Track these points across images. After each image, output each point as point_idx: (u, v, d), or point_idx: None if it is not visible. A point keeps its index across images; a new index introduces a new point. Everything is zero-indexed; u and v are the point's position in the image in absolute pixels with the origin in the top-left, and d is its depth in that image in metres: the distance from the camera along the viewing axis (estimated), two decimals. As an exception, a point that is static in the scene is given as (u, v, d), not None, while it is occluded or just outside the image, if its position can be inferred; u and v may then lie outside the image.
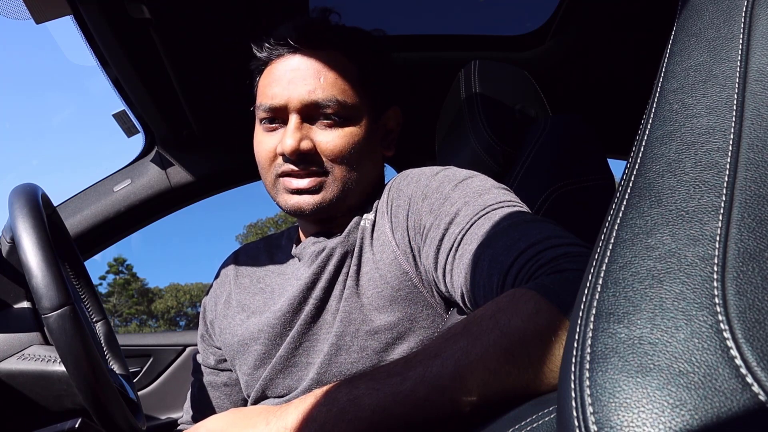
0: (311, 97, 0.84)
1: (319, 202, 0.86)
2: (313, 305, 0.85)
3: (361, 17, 1.43)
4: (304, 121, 0.86)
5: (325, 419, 0.52)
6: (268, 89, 0.87)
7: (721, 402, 0.24)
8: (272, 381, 0.87)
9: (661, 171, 0.34)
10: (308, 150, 0.85)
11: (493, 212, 0.71)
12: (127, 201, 1.55)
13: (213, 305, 1.04)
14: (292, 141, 0.84)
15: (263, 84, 0.90)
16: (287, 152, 0.84)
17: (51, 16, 1.01)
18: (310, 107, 0.85)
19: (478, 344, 0.50)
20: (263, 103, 0.87)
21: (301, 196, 0.86)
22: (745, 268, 0.28)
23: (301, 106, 0.85)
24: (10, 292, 0.89)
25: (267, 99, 0.87)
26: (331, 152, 0.85)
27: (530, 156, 1.07)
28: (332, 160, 0.86)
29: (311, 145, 0.85)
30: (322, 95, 0.84)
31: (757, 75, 0.36)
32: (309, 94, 0.84)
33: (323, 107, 0.85)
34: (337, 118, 0.85)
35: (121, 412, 0.76)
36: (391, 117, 0.96)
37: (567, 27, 1.43)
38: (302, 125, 0.85)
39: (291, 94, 0.85)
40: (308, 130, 0.86)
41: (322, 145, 0.85)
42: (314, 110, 0.85)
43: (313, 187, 0.86)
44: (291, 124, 0.85)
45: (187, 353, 1.88)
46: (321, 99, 0.84)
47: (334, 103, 0.85)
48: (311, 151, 0.85)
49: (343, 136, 0.86)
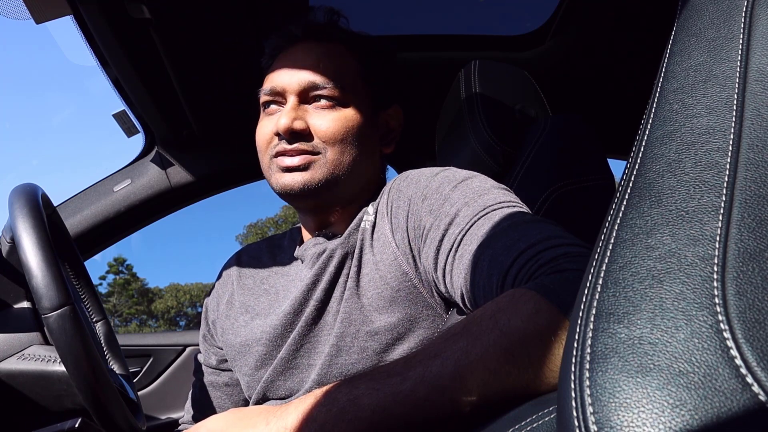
0: (309, 78, 0.88)
1: (307, 180, 0.86)
2: (314, 307, 0.85)
3: (362, 17, 1.43)
4: (301, 103, 0.89)
5: (325, 419, 0.52)
6: (271, 76, 0.92)
7: (721, 402, 0.24)
8: (273, 383, 0.87)
9: (661, 171, 0.34)
10: (301, 129, 0.87)
11: (493, 213, 0.71)
12: (127, 201, 1.55)
13: (215, 306, 1.04)
14: (286, 119, 0.86)
15: (268, 76, 0.93)
16: (281, 130, 0.86)
17: (51, 16, 1.01)
18: (307, 89, 0.88)
19: (478, 344, 0.50)
20: (265, 88, 0.92)
21: (291, 174, 0.87)
22: (745, 268, 0.28)
23: (299, 88, 0.88)
24: (10, 292, 0.89)
25: (268, 84, 0.91)
26: (324, 133, 0.87)
27: (530, 156, 1.07)
28: (324, 141, 0.87)
29: (305, 125, 0.87)
30: (319, 78, 0.88)
31: (757, 75, 0.36)
32: (307, 76, 0.88)
33: (320, 88, 0.88)
34: (333, 101, 0.88)
35: (121, 412, 0.76)
36: (392, 116, 0.98)
37: (567, 27, 1.43)
38: (299, 107, 0.89)
39: (291, 78, 0.89)
40: (304, 111, 0.88)
41: (315, 126, 0.87)
42: (311, 92, 0.88)
43: (302, 165, 0.87)
44: (288, 105, 0.89)
45: (187, 353, 1.88)
46: (319, 81, 0.88)
47: (331, 85, 0.88)
48: (305, 131, 0.87)
49: (337, 120, 0.88)
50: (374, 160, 0.95)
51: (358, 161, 0.90)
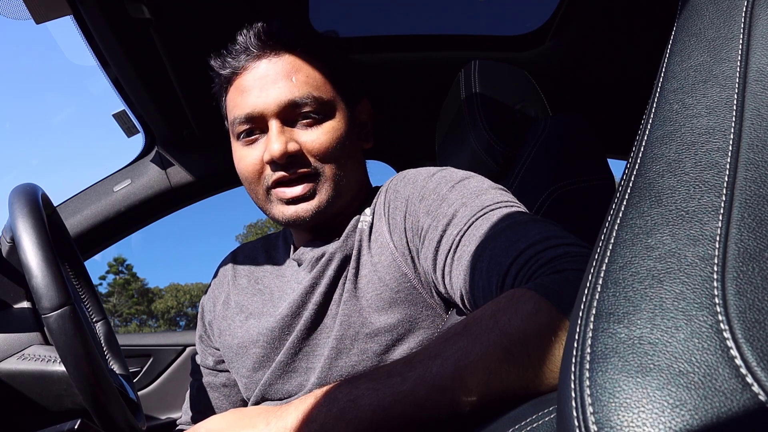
0: (288, 97, 0.83)
1: (316, 207, 0.85)
2: (313, 310, 0.84)
3: (362, 17, 1.43)
4: (284, 125, 0.85)
5: (325, 419, 0.52)
6: (241, 101, 0.85)
7: (721, 402, 0.24)
8: (271, 386, 0.87)
9: (661, 171, 0.34)
10: (296, 151, 0.84)
11: (491, 213, 0.71)
12: (127, 201, 1.55)
13: (212, 306, 1.03)
14: (279, 144, 0.82)
15: (232, 99, 0.88)
16: (276, 157, 0.82)
17: (51, 16, 1.01)
18: (287, 109, 0.84)
19: (477, 344, 0.50)
20: (238, 115, 0.85)
21: (298, 205, 0.85)
22: (745, 268, 0.28)
23: (279, 110, 0.84)
24: (10, 292, 0.89)
25: (241, 110, 0.85)
26: (318, 150, 0.84)
27: (530, 156, 1.07)
28: (320, 159, 0.85)
29: (297, 147, 0.84)
30: (297, 94, 0.84)
31: (757, 75, 0.36)
32: (285, 95, 0.84)
33: (301, 105, 0.84)
34: (316, 115, 0.85)
35: (121, 412, 0.76)
36: (362, 110, 0.95)
37: (567, 27, 1.43)
38: (284, 129, 0.84)
39: (266, 100, 0.84)
40: (291, 132, 0.85)
41: (308, 145, 0.84)
42: (292, 111, 0.84)
43: (307, 193, 0.84)
44: (273, 130, 0.84)
45: (187, 353, 1.87)
46: (297, 98, 0.84)
47: (311, 100, 0.84)
48: (299, 153, 0.84)
49: (325, 133, 0.85)
50: (361, 160, 0.94)
51: (352, 167, 0.89)
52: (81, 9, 1.05)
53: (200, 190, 1.64)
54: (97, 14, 1.08)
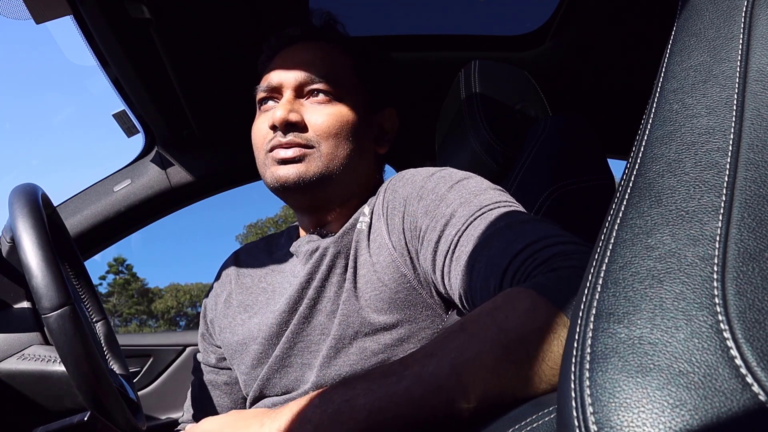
0: (305, 73, 0.90)
1: (302, 172, 0.86)
2: (307, 305, 0.85)
3: (362, 17, 1.43)
4: (297, 98, 0.90)
5: (320, 420, 0.52)
6: (269, 75, 0.93)
7: (721, 402, 0.24)
8: (269, 381, 0.87)
9: (661, 171, 0.34)
10: (296, 121, 0.88)
11: (489, 213, 0.71)
12: (127, 201, 1.55)
13: (213, 305, 1.04)
14: (282, 111, 0.87)
15: (265, 73, 0.95)
16: (277, 121, 0.87)
17: (51, 16, 1.01)
18: (303, 83, 0.90)
19: (474, 342, 0.50)
20: (261, 85, 0.93)
21: (285, 166, 0.87)
22: (745, 268, 0.28)
23: (295, 83, 0.90)
24: (10, 292, 0.89)
25: (265, 81, 0.93)
26: (319, 127, 0.88)
27: (530, 156, 1.07)
28: (318, 134, 0.88)
29: (300, 118, 0.88)
30: (316, 72, 0.90)
31: (757, 75, 0.36)
32: (303, 72, 0.90)
33: (315, 83, 0.89)
34: (328, 96, 0.90)
35: (121, 412, 0.76)
36: (387, 117, 0.98)
37: (567, 27, 1.43)
38: (295, 100, 0.90)
39: (287, 74, 0.91)
40: (300, 105, 0.90)
41: (311, 120, 0.88)
42: (307, 86, 0.90)
43: (297, 157, 0.87)
44: (284, 98, 0.90)
45: (187, 353, 1.88)
46: (314, 76, 0.90)
47: (327, 79, 0.90)
48: (300, 123, 0.88)
49: (332, 114, 0.89)
50: (368, 160, 0.95)
51: (352, 158, 0.90)
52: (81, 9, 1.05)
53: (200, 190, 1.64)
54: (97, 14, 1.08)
